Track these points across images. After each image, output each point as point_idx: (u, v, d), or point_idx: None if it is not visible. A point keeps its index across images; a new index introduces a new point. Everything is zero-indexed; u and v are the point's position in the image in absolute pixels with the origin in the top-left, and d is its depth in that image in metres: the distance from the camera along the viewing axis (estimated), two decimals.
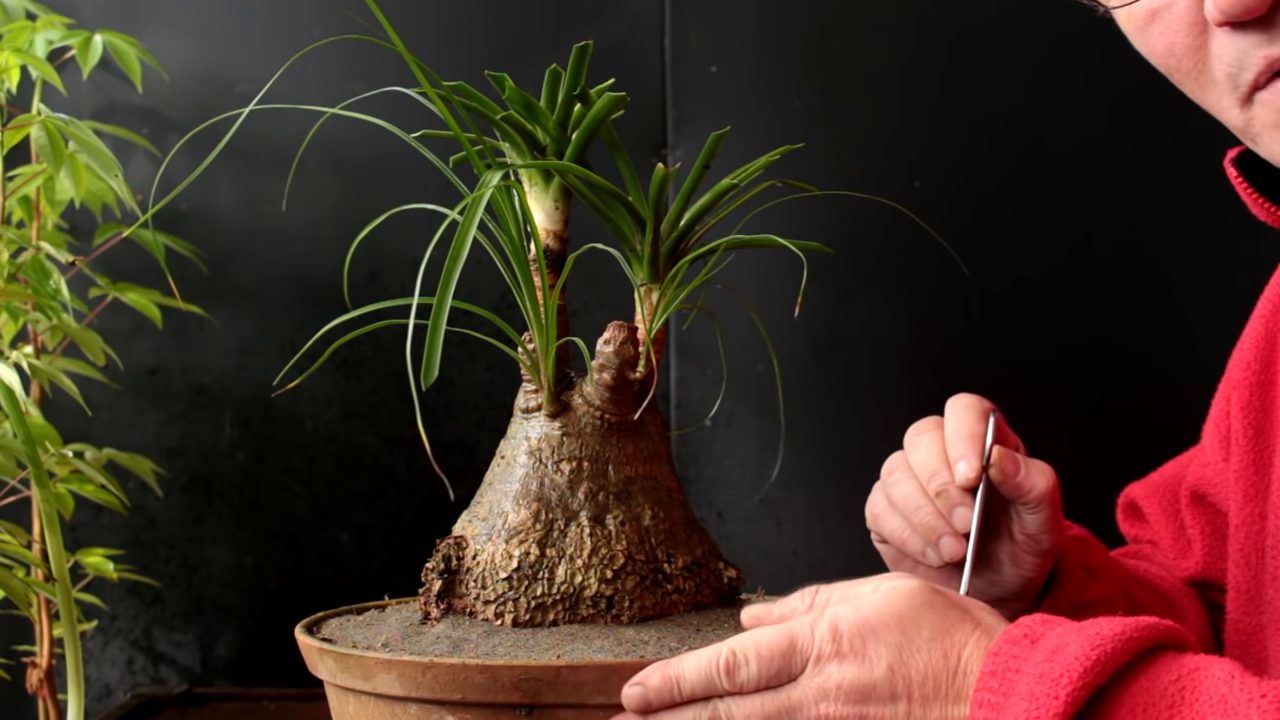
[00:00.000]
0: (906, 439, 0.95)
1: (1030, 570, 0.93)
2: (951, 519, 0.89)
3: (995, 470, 0.89)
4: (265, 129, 1.58)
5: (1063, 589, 0.96)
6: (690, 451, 1.69)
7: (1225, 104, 0.79)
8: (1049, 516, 0.91)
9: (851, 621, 0.71)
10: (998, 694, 0.67)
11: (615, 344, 0.84)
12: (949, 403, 0.94)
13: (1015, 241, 1.68)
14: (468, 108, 0.87)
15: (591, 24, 1.67)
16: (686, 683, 0.72)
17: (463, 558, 0.85)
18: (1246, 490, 0.98)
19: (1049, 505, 0.90)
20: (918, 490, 0.91)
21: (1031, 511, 0.91)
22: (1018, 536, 0.92)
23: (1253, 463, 0.98)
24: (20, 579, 1.16)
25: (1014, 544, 0.93)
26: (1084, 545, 1.02)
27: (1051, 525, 0.91)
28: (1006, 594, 0.95)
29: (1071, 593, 0.96)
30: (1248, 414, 0.99)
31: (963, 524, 0.89)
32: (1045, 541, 0.92)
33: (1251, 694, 0.63)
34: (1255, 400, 0.99)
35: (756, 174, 0.90)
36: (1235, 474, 0.99)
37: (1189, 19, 0.78)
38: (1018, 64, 1.68)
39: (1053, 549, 0.93)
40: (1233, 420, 1.01)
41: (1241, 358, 1.02)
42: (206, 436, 1.67)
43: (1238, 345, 1.05)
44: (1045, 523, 0.91)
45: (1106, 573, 1.01)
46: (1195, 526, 1.09)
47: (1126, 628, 0.67)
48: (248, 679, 1.67)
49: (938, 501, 0.90)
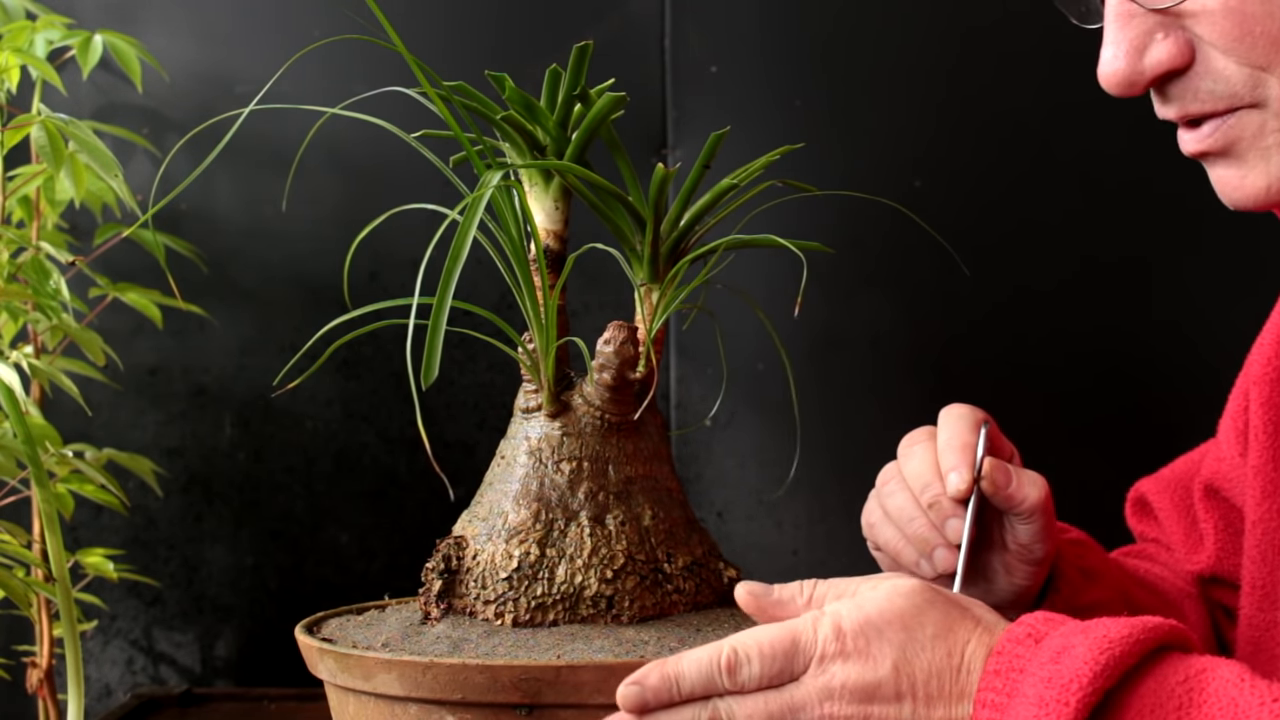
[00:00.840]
0: (900, 449, 0.95)
1: (1024, 579, 0.94)
2: (944, 530, 0.90)
3: (987, 482, 0.89)
4: (265, 129, 1.58)
5: (1060, 593, 0.96)
6: (690, 451, 1.69)
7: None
8: (1042, 526, 0.91)
9: (855, 620, 0.71)
10: (1002, 694, 0.67)
11: (615, 344, 0.84)
12: (942, 413, 0.95)
13: (1015, 241, 1.68)
14: (468, 108, 0.87)
15: (591, 24, 1.67)
16: (686, 681, 0.71)
17: (463, 558, 0.85)
18: (1265, 486, 0.98)
19: (1042, 515, 0.91)
20: (911, 501, 0.92)
21: (1024, 522, 0.91)
22: (1011, 546, 0.93)
23: (1272, 459, 0.98)
24: (20, 579, 1.16)
25: (1008, 554, 0.93)
26: (1081, 548, 1.02)
27: (1045, 534, 0.91)
28: (1002, 602, 0.95)
29: (1069, 596, 0.97)
30: (1268, 410, 0.99)
31: (955, 535, 0.89)
32: (1039, 551, 0.92)
33: (1263, 697, 0.63)
34: (1276, 396, 0.99)
35: (756, 174, 0.90)
36: (1254, 469, 0.99)
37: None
38: (1019, 64, 1.68)
39: (1047, 558, 0.93)
40: (1251, 415, 1.01)
41: (1262, 353, 1.02)
42: (206, 436, 1.67)
43: (1258, 340, 1.05)
44: (1038, 532, 0.91)
45: (1104, 575, 1.01)
46: (1208, 521, 1.09)
47: (1134, 629, 0.67)
48: (248, 679, 1.67)
49: (930, 513, 0.90)
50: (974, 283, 1.62)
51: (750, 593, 0.76)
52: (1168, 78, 0.79)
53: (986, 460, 0.90)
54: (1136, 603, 1.03)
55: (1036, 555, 0.92)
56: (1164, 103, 0.80)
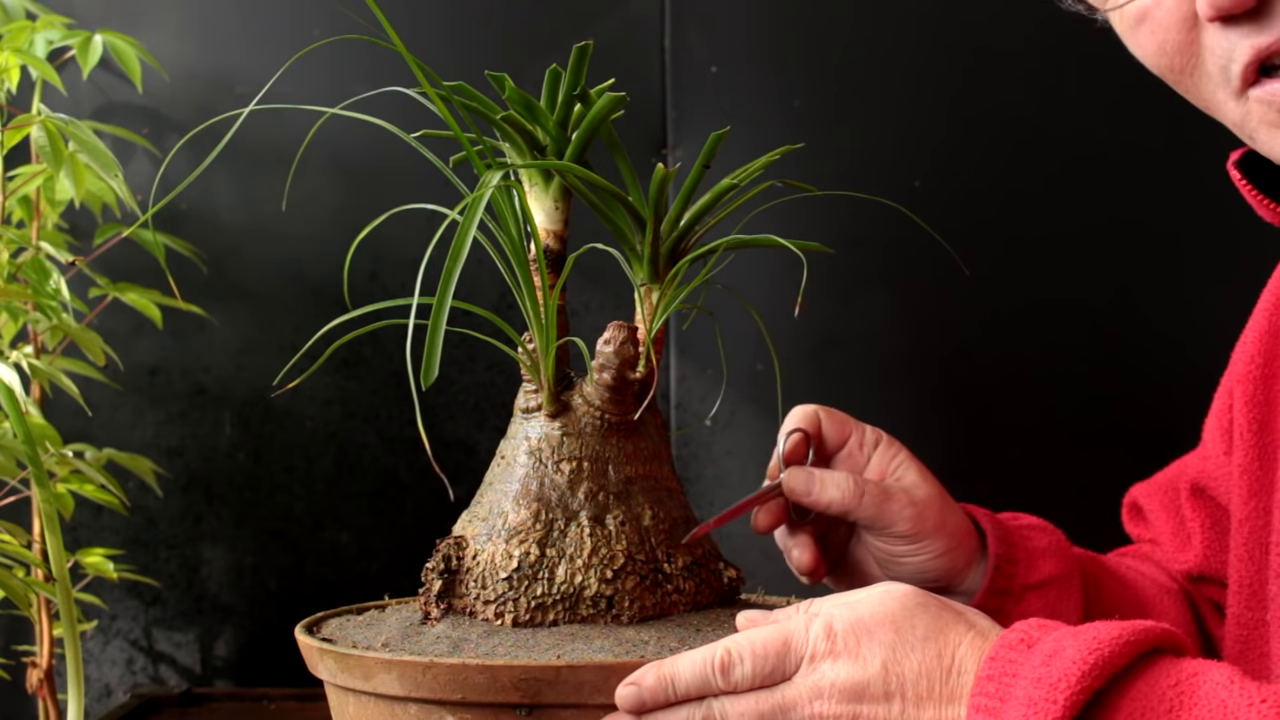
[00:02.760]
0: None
1: (920, 557, 0.95)
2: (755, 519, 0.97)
3: (786, 489, 0.96)
4: (265, 129, 1.58)
5: (1000, 570, 0.98)
6: (690, 451, 1.69)
7: (1220, 98, 0.80)
8: (876, 512, 0.94)
9: (846, 621, 0.71)
10: (994, 699, 0.67)
11: (615, 344, 0.84)
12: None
13: (1016, 241, 1.68)
14: (468, 108, 0.87)
15: (591, 24, 1.67)
16: (681, 682, 0.72)
17: (463, 558, 0.85)
18: (1251, 485, 0.98)
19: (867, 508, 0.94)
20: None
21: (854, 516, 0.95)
22: (869, 536, 0.97)
23: (1257, 457, 0.98)
24: (20, 579, 1.16)
25: (873, 539, 0.96)
26: (1031, 530, 1.02)
27: (895, 515, 0.94)
28: (925, 584, 0.97)
29: (1014, 574, 0.98)
30: (1251, 408, 0.99)
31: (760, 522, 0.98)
32: (903, 527, 0.94)
33: (1251, 698, 0.63)
34: (1259, 394, 0.99)
35: (756, 174, 0.90)
36: (1239, 468, 0.99)
37: (1179, 15, 0.78)
38: (1019, 64, 1.68)
39: (923, 533, 0.95)
40: (1236, 414, 1.01)
41: (1245, 351, 1.02)
42: (206, 436, 1.67)
43: (1240, 339, 1.05)
44: (879, 517, 0.94)
45: (1054, 553, 1.01)
46: (1195, 520, 1.09)
47: (1124, 631, 0.67)
48: (248, 679, 1.67)
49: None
50: (973, 282, 1.62)
51: (750, 620, 0.77)
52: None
53: (787, 471, 0.96)
54: (1105, 591, 1.04)
55: (902, 531, 0.94)
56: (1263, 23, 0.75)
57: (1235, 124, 0.81)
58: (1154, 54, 0.81)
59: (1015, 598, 0.98)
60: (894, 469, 0.97)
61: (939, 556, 0.95)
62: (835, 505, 0.94)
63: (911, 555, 0.95)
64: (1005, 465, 1.68)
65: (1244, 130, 0.81)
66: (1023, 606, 0.97)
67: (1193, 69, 0.80)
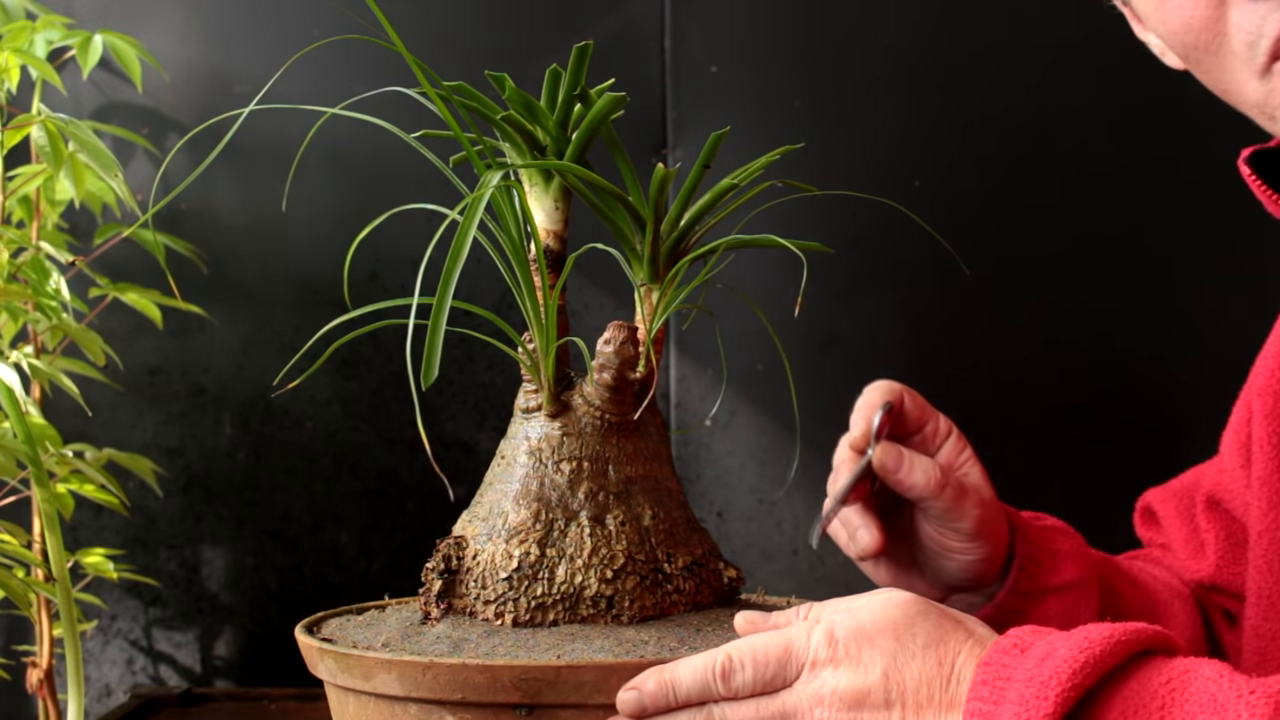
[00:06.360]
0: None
1: (967, 556, 0.95)
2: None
3: (876, 464, 0.93)
4: (265, 129, 1.58)
5: (1024, 571, 0.97)
6: (690, 451, 1.69)
7: (1244, 77, 0.80)
8: (950, 505, 0.93)
9: (847, 628, 0.71)
10: (989, 703, 0.67)
11: (615, 344, 0.84)
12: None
13: (1016, 241, 1.68)
14: (468, 108, 0.87)
15: (591, 24, 1.67)
16: (682, 688, 0.72)
17: (463, 558, 0.85)
18: (1270, 497, 0.98)
19: (943, 498, 0.92)
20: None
21: (927, 504, 0.93)
22: (933, 528, 0.95)
23: (1277, 470, 0.98)
24: (20, 579, 1.16)
25: (935, 533, 0.95)
26: (1053, 532, 1.02)
27: (962, 512, 0.93)
28: (958, 583, 0.97)
29: (1037, 576, 0.98)
30: (1272, 421, 0.99)
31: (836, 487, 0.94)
32: (966, 526, 0.93)
33: (1240, 691, 0.64)
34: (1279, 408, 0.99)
35: (756, 174, 0.90)
36: (1259, 480, 0.99)
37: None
38: (1019, 64, 1.68)
39: (982, 533, 0.94)
40: (1255, 427, 1.01)
41: (1265, 365, 1.02)
42: (206, 436, 1.67)
43: (1261, 353, 1.05)
44: (949, 511, 0.93)
45: (1075, 556, 1.01)
46: (1209, 531, 1.09)
47: (1115, 632, 0.67)
48: (248, 679, 1.67)
49: (839, 476, 0.95)
50: (974, 282, 1.62)
51: (749, 621, 0.77)
52: None
53: (880, 445, 0.93)
54: (1118, 594, 1.04)
55: (965, 529, 0.93)
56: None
57: (1257, 104, 0.81)
58: (1180, 30, 0.81)
59: (1035, 599, 0.98)
60: (961, 464, 0.97)
61: (985, 560, 0.96)
62: (917, 489, 0.93)
63: (964, 554, 0.95)
64: (1005, 465, 1.68)
65: (1265, 110, 0.81)
66: (1042, 609, 0.97)
67: (1218, 46, 0.80)
